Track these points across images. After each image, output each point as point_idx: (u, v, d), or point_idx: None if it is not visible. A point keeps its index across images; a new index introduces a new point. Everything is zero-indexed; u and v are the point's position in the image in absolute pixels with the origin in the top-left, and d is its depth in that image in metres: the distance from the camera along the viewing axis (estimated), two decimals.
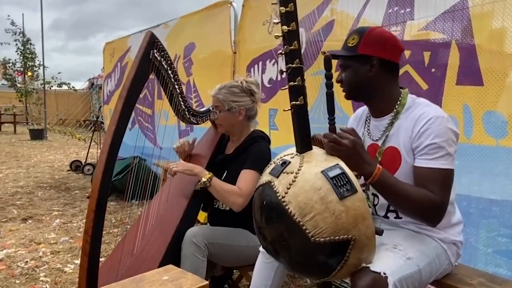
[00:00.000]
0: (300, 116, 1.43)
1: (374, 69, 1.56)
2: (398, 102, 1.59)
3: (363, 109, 1.81)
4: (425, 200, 1.41)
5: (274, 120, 3.41)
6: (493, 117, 2.00)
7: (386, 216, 1.66)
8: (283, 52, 1.38)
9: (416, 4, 2.33)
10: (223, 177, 2.20)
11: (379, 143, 1.62)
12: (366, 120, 1.74)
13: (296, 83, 1.39)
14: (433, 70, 2.24)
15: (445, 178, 1.45)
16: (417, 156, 1.49)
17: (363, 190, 1.45)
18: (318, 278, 1.45)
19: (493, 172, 2.04)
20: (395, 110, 1.59)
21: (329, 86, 1.41)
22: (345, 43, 1.62)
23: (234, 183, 2.09)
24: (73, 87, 16.86)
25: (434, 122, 1.46)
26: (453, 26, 2.14)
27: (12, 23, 15.53)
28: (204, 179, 2.02)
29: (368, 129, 1.71)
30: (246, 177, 2.06)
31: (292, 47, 1.36)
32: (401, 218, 1.62)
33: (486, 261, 2.09)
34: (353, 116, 1.89)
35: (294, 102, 1.41)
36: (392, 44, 1.59)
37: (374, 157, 1.61)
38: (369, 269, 1.34)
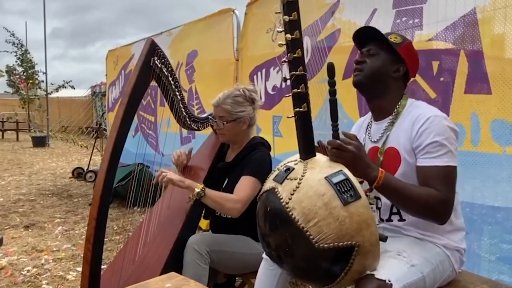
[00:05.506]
0: (303, 123, 1.43)
1: (398, 74, 1.62)
2: (399, 104, 1.63)
3: (365, 117, 1.84)
4: (429, 197, 1.42)
5: (278, 127, 3.41)
6: (501, 124, 2.01)
7: (389, 219, 1.65)
8: (286, 60, 1.40)
9: (425, 15, 2.34)
10: (224, 185, 2.19)
11: (379, 144, 1.64)
12: (368, 126, 1.76)
13: (299, 90, 1.39)
14: (441, 79, 2.25)
15: (448, 175, 1.45)
16: (419, 156, 1.50)
17: (366, 194, 1.45)
18: (322, 285, 1.44)
19: (496, 179, 2.04)
20: (395, 111, 1.62)
21: (332, 93, 1.43)
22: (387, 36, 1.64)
23: None
24: (72, 87, 16.52)
25: (434, 121, 1.48)
26: (461, 36, 2.15)
27: (12, 35, 15.54)
28: (197, 190, 1.94)
29: (369, 133, 1.73)
30: (244, 183, 2.05)
31: (295, 55, 1.37)
32: (404, 220, 1.61)
33: (489, 269, 2.08)
34: (355, 125, 1.92)
35: (297, 109, 1.41)
36: (418, 62, 1.69)
37: (375, 158, 1.62)
38: (374, 276, 1.34)
